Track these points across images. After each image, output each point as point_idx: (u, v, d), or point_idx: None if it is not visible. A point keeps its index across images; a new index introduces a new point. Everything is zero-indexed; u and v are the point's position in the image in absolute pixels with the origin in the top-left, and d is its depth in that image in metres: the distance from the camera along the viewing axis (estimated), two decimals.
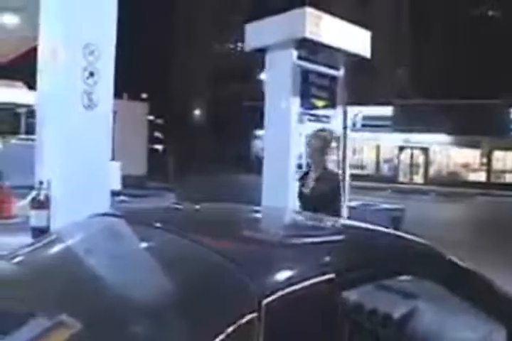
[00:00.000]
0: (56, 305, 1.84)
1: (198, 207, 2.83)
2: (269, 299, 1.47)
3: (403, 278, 2.03)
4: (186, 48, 40.39)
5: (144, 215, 2.65)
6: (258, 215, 2.89)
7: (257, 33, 6.92)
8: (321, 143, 4.60)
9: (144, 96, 39.31)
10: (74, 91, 4.06)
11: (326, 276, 1.61)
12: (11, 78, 16.82)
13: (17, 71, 19.33)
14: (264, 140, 7.37)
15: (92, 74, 4.11)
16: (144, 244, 2.26)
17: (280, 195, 6.41)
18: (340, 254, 1.83)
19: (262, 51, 6.94)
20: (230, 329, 1.41)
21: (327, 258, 1.76)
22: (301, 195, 4.71)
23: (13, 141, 15.04)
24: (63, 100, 4.09)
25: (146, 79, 35.80)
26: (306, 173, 4.81)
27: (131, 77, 27.26)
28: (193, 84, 40.52)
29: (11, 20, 13.61)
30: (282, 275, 1.61)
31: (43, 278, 2.14)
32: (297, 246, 1.86)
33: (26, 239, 4.19)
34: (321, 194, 4.49)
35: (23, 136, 15.37)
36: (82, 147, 4.11)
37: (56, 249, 2.48)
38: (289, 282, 1.55)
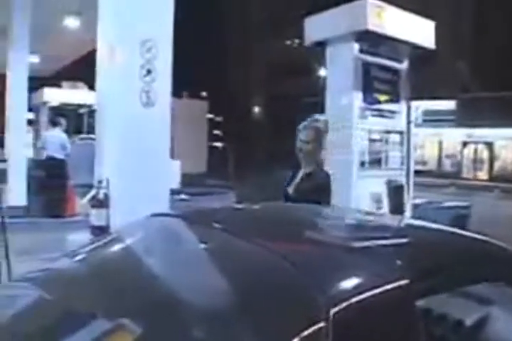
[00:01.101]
0: (115, 306, 1.79)
1: (258, 206, 2.74)
2: (337, 308, 1.34)
3: (477, 282, 1.87)
4: (244, 45, 40.44)
5: (203, 215, 2.57)
6: (322, 215, 2.75)
7: (316, 27, 6.76)
8: (313, 135, 4.00)
9: (204, 94, 39.67)
10: (131, 89, 4.03)
11: (399, 283, 1.47)
12: (73, 79, 17.23)
13: (79, 72, 19.84)
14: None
15: (149, 71, 4.06)
16: (202, 246, 2.17)
17: (343, 193, 6.23)
18: (413, 258, 1.68)
19: (322, 45, 6.77)
20: (295, 340, 1.30)
21: (399, 263, 1.61)
22: (285, 196, 4.06)
23: (76, 140, 15.39)
24: (121, 99, 4.07)
25: (206, 77, 36.04)
26: (296, 169, 4.15)
27: (190, 76, 27.50)
28: (252, 81, 40.57)
29: (72, 23, 13.98)
30: (351, 281, 1.48)
31: (101, 278, 2.09)
32: (366, 250, 1.72)
33: (88, 237, 4.21)
34: (303, 194, 3.86)
35: (84, 136, 15.72)
36: (141, 145, 4.07)
37: (114, 249, 2.44)
38: (359, 289, 1.42)
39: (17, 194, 10.89)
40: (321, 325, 1.32)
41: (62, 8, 12.37)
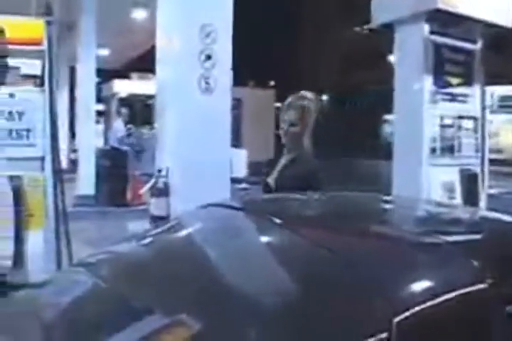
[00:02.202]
0: (170, 297, 1.69)
1: (321, 196, 2.57)
2: (402, 317, 1.15)
3: None
4: (313, 32, 39.96)
5: (262, 206, 2.43)
6: (389, 207, 2.55)
7: (384, 8, 6.45)
8: (299, 115, 3.44)
9: (272, 83, 39.51)
10: (191, 75, 3.92)
11: (479, 286, 1.26)
12: (142, 71, 17.44)
13: (148, 63, 20.08)
14: (395, 123, 6.92)
15: (209, 57, 3.94)
16: (259, 240, 2.03)
17: (412, 182, 5.95)
18: (493, 256, 1.47)
19: (389, 27, 6.47)
20: None
21: (478, 262, 1.40)
22: (264, 188, 3.50)
23: (145, 130, 15.59)
24: (180, 86, 3.97)
25: (273, 66, 35.86)
26: (277, 158, 3.61)
27: (257, 65, 27.38)
28: (320, 69, 40.09)
29: (140, 15, 14.11)
30: (420, 284, 1.29)
31: (156, 268, 2.01)
32: (439, 246, 1.50)
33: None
34: (285, 184, 3.29)
35: (152, 126, 15.90)
36: (201, 133, 3.97)
37: (169, 238, 2.34)
38: (429, 294, 1.22)
39: (86, 183, 11.13)
40: (382, 336, 1.14)
41: (130, 0, 12.50)
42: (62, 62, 14.01)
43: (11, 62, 3.64)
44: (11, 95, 3.50)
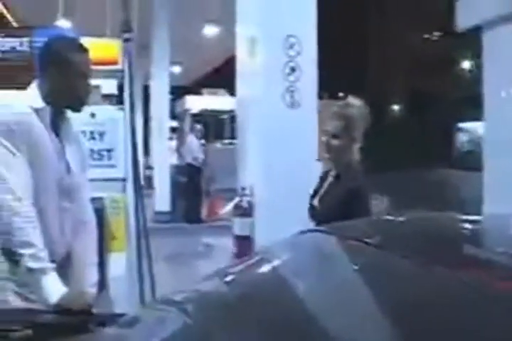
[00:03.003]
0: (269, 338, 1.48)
1: (420, 217, 2.30)
2: None
3: None
4: (381, 40, 39.36)
5: (359, 230, 2.20)
6: (496, 228, 2.24)
7: (471, 9, 6.11)
8: (341, 126, 2.98)
9: (341, 95, 39.08)
10: (275, 89, 3.74)
11: None
12: (214, 87, 17.56)
13: (219, 79, 20.22)
14: (485, 132, 6.52)
15: (293, 69, 3.75)
16: (362, 270, 1.79)
17: (507, 197, 5.54)
18: None
19: (477, 30, 6.11)
20: None
21: None
22: (310, 210, 3.12)
23: (218, 145, 15.62)
24: (264, 100, 3.79)
25: (342, 76, 35.45)
26: (325, 175, 3.18)
27: (327, 76, 27.03)
28: (390, 78, 39.38)
29: (211, 31, 14.19)
30: None
31: (249, 304, 1.80)
32: None
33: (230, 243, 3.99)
34: (330, 206, 2.94)
35: (226, 141, 15.92)
36: (286, 149, 3.76)
37: (263, 271, 2.12)
38: None
39: (162, 199, 11.18)
40: None
41: (201, 17, 12.56)
42: (136, 80, 14.24)
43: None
44: (92, 115, 3.42)
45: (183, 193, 11.31)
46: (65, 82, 2.37)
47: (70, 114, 2.50)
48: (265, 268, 2.13)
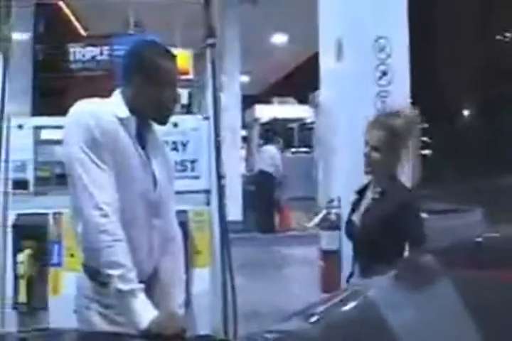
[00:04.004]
0: None
1: None
2: None
3: None
4: (450, 44, 38.30)
5: (466, 254, 1.96)
6: None
7: None
8: (384, 138, 2.72)
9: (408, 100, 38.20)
10: (365, 94, 3.52)
11: None
12: (283, 95, 17.43)
13: (288, 88, 20.07)
14: None
15: (384, 73, 3.52)
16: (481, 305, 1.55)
17: None
18: None
19: None
20: None
21: None
22: (348, 226, 2.91)
23: (288, 154, 15.42)
24: (352, 106, 3.58)
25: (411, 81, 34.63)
26: (364, 188, 2.93)
27: None
28: (460, 83, 38.25)
29: (279, 39, 14.08)
30: None
31: None
32: None
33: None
34: (377, 223, 2.69)
35: (294, 150, 15.72)
36: None
37: (359, 306, 1.89)
38: None
39: (233, 209, 11.12)
40: None
41: (270, 26, 12.48)
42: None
43: None
44: (175, 125, 3.28)
45: (255, 202, 11.22)
46: (153, 91, 2.22)
47: (155, 124, 2.35)
48: (354, 303, 1.89)
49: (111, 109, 2.20)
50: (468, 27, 36.30)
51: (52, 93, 3.64)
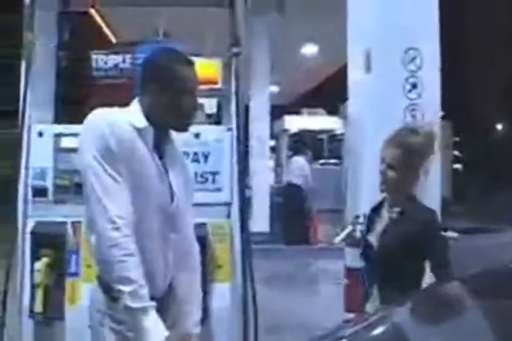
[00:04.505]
0: None
1: None
2: None
3: None
4: (482, 56, 37.77)
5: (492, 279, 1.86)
6: None
7: None
8: (400, 156, 2.62)
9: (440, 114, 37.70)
10: (394, 107, 3.41)
11: None
12: (312, 106, 17.34)
13: (317, 98, 19.98)
14: None
15: (414, 85, 3.40)
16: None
17: None
18: None
19: None
20: None
21: None
22: (365, 248, 2.83)
23: (317, 166, 15.29)
24: (381, 119, 3.46)
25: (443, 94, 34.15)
26: (379, 206, 2.82)
27: None
28: (491, 96, 37.66)
29: (309, 49, 14.02)
30: None
31: None
32: None
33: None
34: (397, 244, 2.61)
35: (323, 161, 15.60)
36: None
37: (385, 333, 1.79)
38: None
39: (261, 220, 11.05)
40: None
41: (300, 36, 12.42)
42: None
43: None
44: (196, 135, 3.21)
45: (282, 214, 11.16)
46: (170, 99, 2.15)
47: (173, 134, 2.27)
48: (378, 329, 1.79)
49: (128, 118, 2.13)
50: (501, 38, 35.80)
51: (75, 101, 3.62)
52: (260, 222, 11.10)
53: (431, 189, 3.44)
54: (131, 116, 2.14)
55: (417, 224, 2.62)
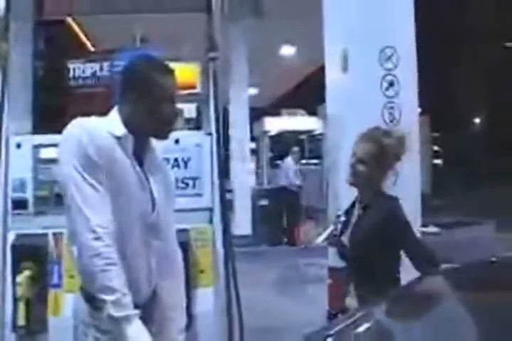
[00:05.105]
0: None
1: None
2: None
3: None
4: (458, 52, 38.09)
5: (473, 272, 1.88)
6: None
7: None
8: (371, 151, 2.68)
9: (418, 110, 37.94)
10: (372, 105, 3.42)
11: None
12: (291, 107, 17.37)
13: (296, 100, 20.02)
14: None
15: (391, 83, 3.42)
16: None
17: None
18: None
19: None
20: None
21: None
22: (340, 248, 2.87)
23: (298, 166, 15.32)
24: (359, 117, 3.47)
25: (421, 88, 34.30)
26: (351, 207, 2.87)
27: None
28: (469, 92, 38.03)
29: (287, 51, 14.05)
30: None
31: None
32: None
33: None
34: (365, 240, 2.65)
35: (304, 161, 15.65)
36: None
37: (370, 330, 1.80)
38: None
39: (242, 223, 11.05)
40: None
41: (277, 38, 12.45)
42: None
43: None
44: (176, 141, 3.19)
45: (265, 216, 11.19)
46: (150, 107, 2.13)
47: (154, 141, 2.26)
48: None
49: (106, 126, 2.11)
50: (476, 33, 36.15)
51: (53, 111, 3.57)
52: (242, 224, 11.11)
53: (410, 184, 3.46)
54: (110, 124, 2.12)
55: (380, 214, 2.65)
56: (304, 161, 15.43)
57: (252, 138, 16.17)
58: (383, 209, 2.68)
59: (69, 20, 6.03)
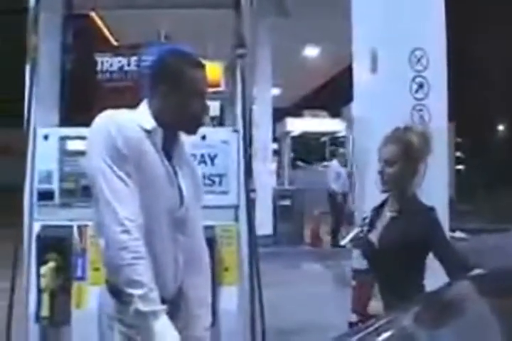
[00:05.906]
0: None
1: None
2: None
3: None
4: (489, 58, 37.61)
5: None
6: None
7: None
8: (399, 153, 2.61)
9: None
10: (400, 107, 3.39)
11: None
12: (314, 108, 17.33)
13: (319, 101, 19.95)
14: None
15: (421, 85, 3.38)
16: None
17: None
18: None
19: None
20: None
21: None
22: (367, 248, 2.81)
23: (319, 168, 15.28)
24: (387, 119, 3.42)
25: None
26: (381, 206, 2.82)
27: None
28: (493, 97, 37.54)
29: (311, 52, 13.98)
30: None
31: None
32: None
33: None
34: (397, 242, 2.59)
35: (326, 163, 15.61)
36: None
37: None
38: None
39: (264, 223, 11.03)
40: None
41: (301, 38, 12.40)
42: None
43: None
44: (203, 137, 3.18)
45: (287, 216, 11.21)
46: (180, 101, 2.12)
47: (182, 136, 2.25)
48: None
49: (136, 119, 2.11)
50: (508, 38, 35.54)
51: (80, 104, 3.59)
52: (263, 224, 11.09)
53: (438, 189, 3.42)
54: (139, 117, 2.12)
55: (416, 222, 2.59)
56: (326, 163, 15.42)
57: (274, 139, 16.18)
58: (421, 219, 2.62)
59: (93, 14, 6.06)
